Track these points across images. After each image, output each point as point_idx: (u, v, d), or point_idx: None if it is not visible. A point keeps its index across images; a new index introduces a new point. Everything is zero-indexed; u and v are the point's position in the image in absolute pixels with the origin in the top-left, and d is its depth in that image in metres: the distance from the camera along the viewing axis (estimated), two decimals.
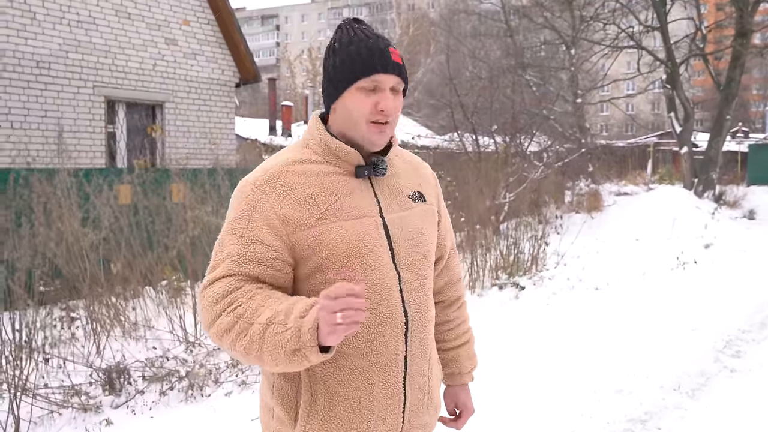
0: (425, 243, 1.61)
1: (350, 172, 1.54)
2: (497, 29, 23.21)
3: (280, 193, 1.47)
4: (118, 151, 10.20)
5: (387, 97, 1.50)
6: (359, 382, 1.50)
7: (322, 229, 1.46)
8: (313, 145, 1.56)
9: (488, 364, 4.88)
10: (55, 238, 5.01)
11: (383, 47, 1.51)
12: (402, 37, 41.31)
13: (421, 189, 1.66)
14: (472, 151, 12.07)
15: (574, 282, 7.72)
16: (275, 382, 1.55)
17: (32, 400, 3.70)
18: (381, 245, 1.51)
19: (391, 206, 1.57)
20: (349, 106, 1.51)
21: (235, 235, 1.47)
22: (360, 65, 1.49)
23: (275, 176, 1.50)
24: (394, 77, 1.52)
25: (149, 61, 10.52)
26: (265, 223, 1.46)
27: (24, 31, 8.94)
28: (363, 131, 1.51)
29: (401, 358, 1.54)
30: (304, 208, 1.47)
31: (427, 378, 1.63)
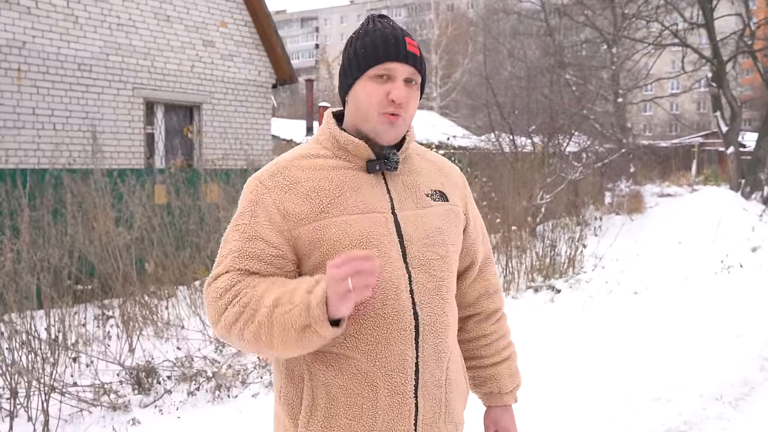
0: (444, 243, 1.51)
1: (361, 167, 1.48)
2: (537, 28, 22.92)
3: (282, 188, 1.44)
4: (156, 152, 10.34)
5: (399, 86, 1.44)
6: (362, 388, 1.42)
7: (325, 224, 1.41)
8: (323, 140, 1.51)
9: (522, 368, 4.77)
10: (90, 238, 5.07)
11: (399, 36, 1.46)
12: (440, 38, 41.13)
13: (443, 189, 1.58)
14: (509, 152, 11.90)
15: (612, 285, 7.52)
16: (282, 386, 1.50)
17: (61, 397, 3.73)
18: (390, 242, 1.44)
19: (405, 203, 1.49)
20: (359, 96, 1.46)
21: (237, 231, 1.45)
22: (372, 53, 1.44)
23: (279, 171, 1.47)
24: (408, 67, 1.45)
25: (187, 63, 10.65)
26: (267, 219, 1.43)
27: (66, 35, 9.13)
28: (373, 122, 1.45)
29: (411, 365, 1.44)
30: (306, 202, 1.42)
31: (444, 389, 1.51)
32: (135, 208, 5.39)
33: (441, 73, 40.15)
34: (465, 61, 36.89)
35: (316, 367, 1.43)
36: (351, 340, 1.41)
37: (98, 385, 3.99)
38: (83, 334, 4.73)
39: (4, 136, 8.47)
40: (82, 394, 3.96)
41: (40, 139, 8.84)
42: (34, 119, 8.81)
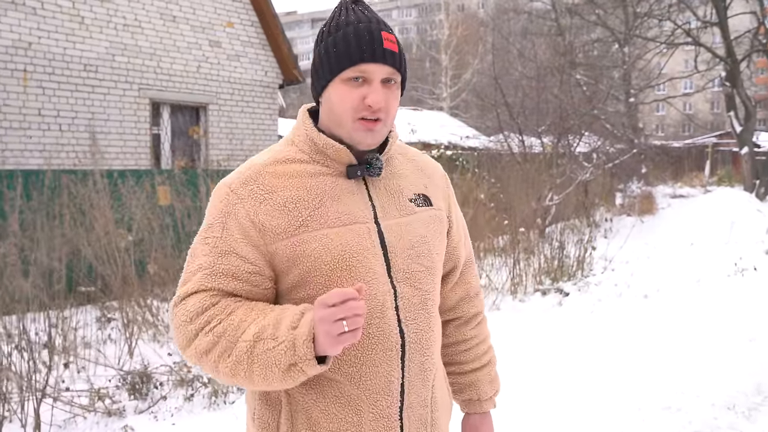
0: (429, 254, 1.40)
1: (341, 173, 1.35)
2: (547, 28, 22.75)
3: (256, 198, 1.30)
4: (162, 153, 10.30)
5: (376, 89, 1.30)
6: (346, 413, 1.31)
7: (304, 238, 1.28)
8: (299, 142, 1.38)
9: (528, 374, 4.65)
10: (88, 239, 5.01)
11: (374, 31, 1.31)
12: (450, 38, 40.95)
13: (426, 192, 1.46)
14: (518, 152, 11.77)
15: (621, 288, 7.37)
16: (256, 409, 1.38)
17: (54, 403, 3.66)
18: (374, 255, 1.32)
19: (389, 211, 1.37)
20: (333, 100, 1.32)
21: (207, 245, 1.31)
22: (345, 53, 1.29)
23: (252, 178, 1.32)
24: (386, 67, 1.31)
25: (193, 64, 10.60)
26: (240, 232, 1.29)
27: (72, 35, 9.11)
28: (348, 129, 1.32)
29: (396, 386, 1.34)
30: (283, 215, 1.29)
31: (430, 408, 1.42)
32: (135, 209, 5.32)
33: (451, 74, 39.99)
34: (475, 62, 36.71)
35: (295, 390, 1.32)
36: (334, 362, 1.30)
37: (93, 390, 3.91)
38: (78, 338, 4.66)
39: (10, 137, 8.45)
40: (76, 399, 3.88)
41: (45, 140, 8.81)
42: (40, 120, 8.78)
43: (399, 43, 1.36)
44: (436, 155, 11.08)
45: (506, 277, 7.36)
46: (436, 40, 42.63)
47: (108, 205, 5.01)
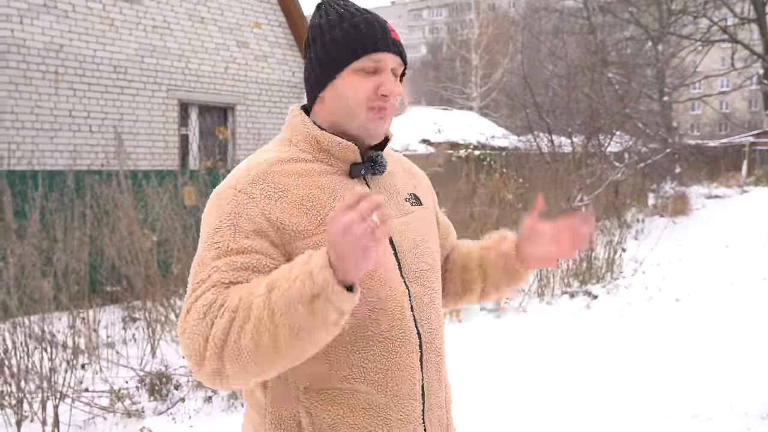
0: (431, 252, 1.38)
1: (344, 172, 1.29)
2: (579, 26, 22.42)
3: (270, 196, 1.21)
4: (190, 154, 10.38)
5: (390, 78, 1.27)
6: (376, 423, 1.23)
7: (325, 238, 1.15)
8: (299, 142, 1.31)
9: (554, 377, 4.55)
10: (112, 239, 5.04)
11: (382, 21, 1.29)
12: (480, 38, 40.68)
13: (416, 191, 1.44)
14: (547, 152, 11.60)
15: (652, 291, 7.19)
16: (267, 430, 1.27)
17: (74, 403, 3.68)
18: (389, 256, 1.27)
19: (391, 210, 1.32)
20: (343, 92, 1.26)
21: (218, 249, 1.18)
22: (359, 42, 1.25)
23: (262, 177, 1.23)
24: (396, 57, 1.28)
25: (221, 64, 10.66)
26: (255, 231, 1.19)
27: (102, 37, 9.22)
28: (362, 119, 1.27)
29: (419, 389, 1.29)
30: (302, 213, 1.21)
31: (445, 410, 1.40)
32: (159, 209, 5.34)
33: (481, 73, 39.71)
34: (505, 61, 36.39)
35: (319, 408, 1.22)
36: (358, 371, 1.23)
37: (113, 391, 3.92)
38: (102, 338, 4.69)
39: (42, 138, 8.59)
40: (97, 399, 3.90)
41: (75, 140, 8.94)
42: (71, 121, 8.91)
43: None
44: (463, 155, 10.98)
45: (533, 279, 7.23)
46: (467, 40, 42.36)
47: (131, 205, 5.03)
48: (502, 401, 4.19)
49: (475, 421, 3.91)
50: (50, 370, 3.61)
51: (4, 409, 3.56)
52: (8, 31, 8.22)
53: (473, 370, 4.82)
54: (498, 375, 4.71)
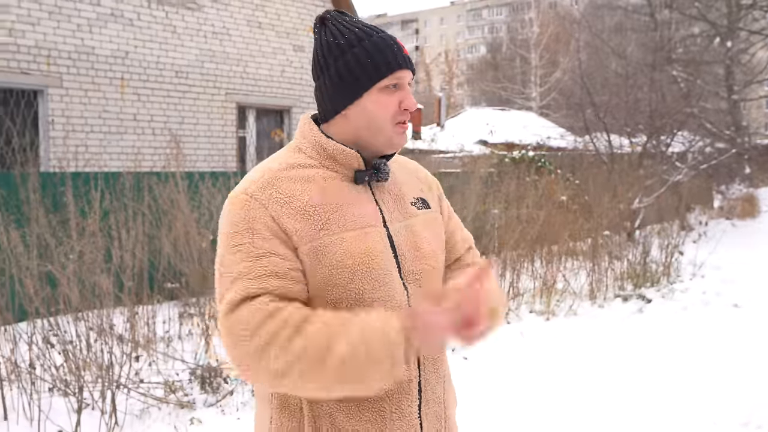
0: (433, 254, 1.44)
1: (349, 178, 1.38)
2: (643, 23, 21.83)
3: (277, 202, 1.30)
4: (247, 155, 10.68)
5: (409, 94, 1.37)
6: (370, 415, 1.33)
7: (325, 242, 1.29)
8: (307, 149, 1.40)
9: (601, 382, 4.50)
10: (169, 238, 5.26)
11: (395, 39, 1.38)
12: (540, 37, 40.11)
13: (423, 195, 1.51)
14: (604, 153, 11.38)
15: (710, 297, 6.98)
16: (273, 417, 1.37)
17: (130, 393, 3.88)
18: (388, 258, 1.35)
19: (394, 215, 1.41)
20: (372, 110, 1.35)
21: (241, 252, 1.27)
22: (383, 62, 1.33)
23: (270, 183, 1.33)
24: (410, 72, 1.38)
25: (278, 68, 10.93)
26: (271, 233, 1.28)
27: (165, 44, 9.60)
28: (389, 134, 1.37)
29: (415, 385, 1.37)
30: (304, 219, 1.30)
31: (443, 405, 1.46)
32: (214, 209, 5.54)
33: (541, 72, 39.15)
34: (566, 60, 35.76)
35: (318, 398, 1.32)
36: None
37: (167, 383, 4.11)
38: (160, 332, 4.91)
39: (109, 141, 9.01)
40: (152, 391, 4.09)
41: (139, 143, 9.33)
42: (135, 125, 9.31)
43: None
44: (517, 156, 10.90)
45: (584, 281, 7.13)
46: (526, 39, 41.84)
47: (188, 205, 5.25)
48: (550, 404, 4.18)
49: (523, 423, 3.92)
50: (109, 362, 3.82)
51: (68, 396, 3.79)
52: (79, 40, 8.67)
53: (522, 372, 4.82)
54: (546, 378, 4.69)
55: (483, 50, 63.39)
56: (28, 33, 8.21)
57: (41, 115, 8.44)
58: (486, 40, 65.15)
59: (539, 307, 6.51)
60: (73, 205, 4.52)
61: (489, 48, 58.28)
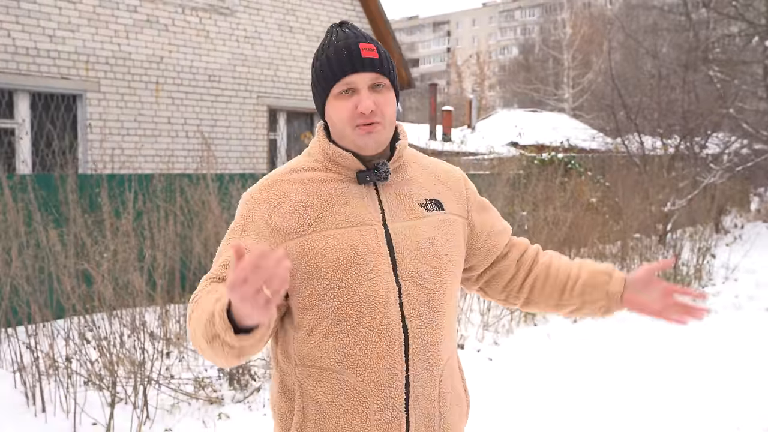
0: (437, 254, 1.47)
1: (352, 179, 1.46)
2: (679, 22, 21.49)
3: (271, 202, 1.43)
4: (278, 157, 10.84)
5: (365, 96, 1.40)
6: (352, 404, 1.41)
7: (312, 238, 1.40)
8: (314, 153, 1.50)
9: (627, 385, 4.50)
10: (200, 239, 5.40)
11: (352, 45, 1.41)
12: (573, 37, 39.72)
13: (439, 197, 1.54)
14: (636, 154, 11.26)
15: (742, 300, 6.88)
16: (275, 400, 1.50)
17: (162, 388, 4.01)
18: (379, 254, 1.41)
19: (397, 214, 1.46)
20: (331, 115, 1.44)
21: (227, 244, 1.45)
22: (330, 71, 1.42)
23: (270, 186, 1.46)
24: (369, 74, 1.41)
25: (308, 71, 11.06)
26: (256, 232, 1.42)
27: (199, 48, 9.81)
28: (351, 137, 1.43)
29: (401, 378, 1.41)
30: (294, 217, 1.41)
31: (438, 403, 1.48)
32: None
33: (573, 74, 38.79)
34: (599, 61, 35.37)
35: (306, 383, 1.43)
36: (339, 355, 1.40)
37: (197, 379, 4.23)
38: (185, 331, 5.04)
39: (144, 144, 9.24)
40: (182, 387, 4.22)
41: (174, 146, 9.55)
42: (169, 128, 9.53)
43: (381, 49, 1.45)
44: (546, 158, 10.85)
45: None
46: (559, 40, 41.50)
47: (218, 206, 5.38)
48: (575, 406, 4.20)
49: (549, 425, 3.94)
50: (142, 358, 3.95)
51: (102, 390, 3.93)
52: (116, 46, 8.91)
53: (548, 374, 4.83)
54: (573, 380, 4.70)
55: (515, 51, 63.03)
56: (68, 39, 8.47)
57: (80, 119, 8.70)
58: (518, 41, 64.78)
59: None
60: (108, 205, 4.68)
61: (521, 49, 57.94)
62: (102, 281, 3.95)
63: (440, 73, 75.24)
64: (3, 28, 7.95)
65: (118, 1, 8.90)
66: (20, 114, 8.20)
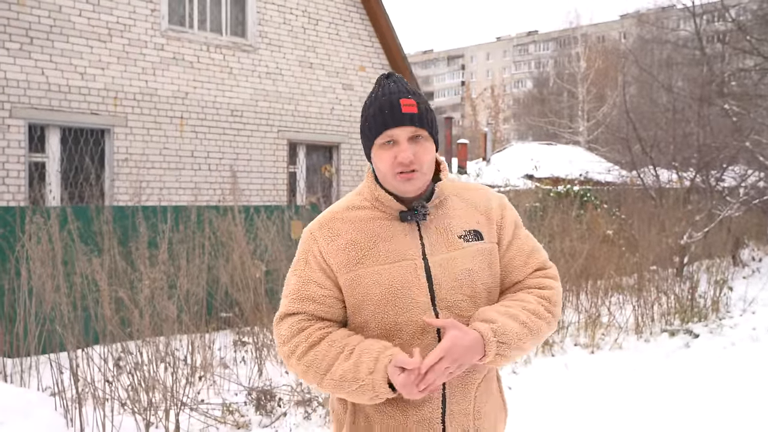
0: (473, 284, 1.63)
1: (395, 217, 1.65)
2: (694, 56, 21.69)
3: (327, 239, 1.64)
4: (297, 189, 11.06)
5: (404, 148, 1.59)
6: (394, 413, 1.61)
7: (359, 274, 1.60)
8: (364, 193, 1.70)
9: (646, 415, 4.56)
10: (227, 269, 5.57)
11: (394, 101, 1.59)
12: (588, 71, 40.08)
13: (479, 227, 1.68)
14: (651, 187, 11.35)
15: (760, 332, 6.91)
16: (334, 405, 1.73)
17: (191, 413, 4.14)
18: (418, 287, 1.59)
19: (437, 248, 1.63)
20: (375, 162, 1.64)
21: (295, 275, 1.69)
22: (374, 125, 1.61)
23: (325, 223, 1.67)
24: (408, 128, 1.59)
25: (327, 106, 11.35)
26: (317, 265, 1.64)
27: (222, 84, 10.13)
28: (392, 183, 1.62)
29: (437, 396, 1.60)
30: (344, 254, 1.62)
31: (472, 417, 1.64)
32: (268, 242, 5.84)
33: (588, 107, 39.04)
34: (614, 94, 35.62)
35: None
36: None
37: (225, 404, 4.36)
38: (216, 358, 5.18)
39: (168, 177, 9.50)
40: (211, 411, 4.35)
41: (196, 178, 9.81)
42: (192, 161, 9.80)
43: (421, 102, 1.62)
44: (562, 190, 10.98)
45: (630, 315, 7.15)
46: (573, 73, 41.87)
47: (243, 237, 5.56)
48: None
49: None
50: (173, 383, 4.10)
51: (135, 414, 4.07)
52: (143, 83, 9.24)
53: (566, 404, 4.90)
54: (590, 410, 4.76)
55: (529, 85, 63.51)
56: (98, 77, 8.81)
57: (107, 152, 8.99)
58: (532, 74, 65.29)
59: (584, 340, 6.57)
60: (145, 235, 4.89)
61: (535, 83, 58.39)
62: (138, 309, 4.12)
63: (455, 106, 75.91)
64: (38, 66, 8.30)
65: (146, 40, 9.25)
66: (51, 148, 8.50)
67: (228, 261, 5.72)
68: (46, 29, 8.37)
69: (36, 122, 8.34)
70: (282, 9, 10.79)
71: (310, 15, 11.14)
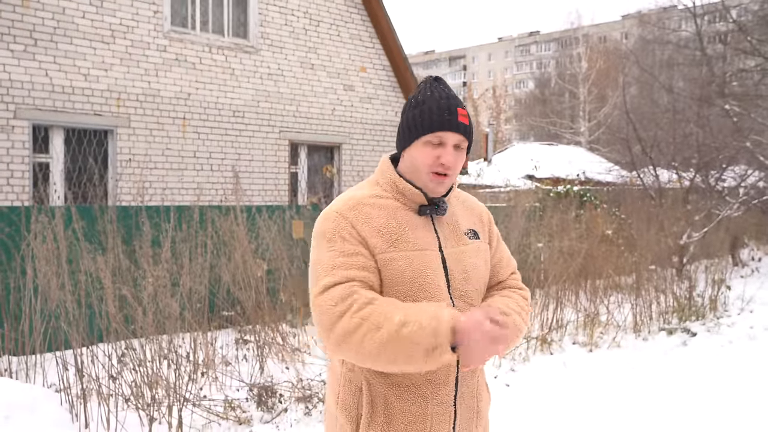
0: (478, 278, 1.77)
1: (414, 209, 1.74)
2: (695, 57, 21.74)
3: (360, 220, 1.68)
4: (299, 190, 11.13)
5: (449, 152, 1.69)
6: (415, 398, 1.68)
7: (393, 256, 1.66)
8: (383, 183, 1.77)
9: (644, 413, 4.62)
10: (229, 268, 5.64)
11: (452, 107, 1.70)
12: (589, 72, 40.12)
13: (475, 227, 1.84)
14: (651, 187, 11.41)
15: (757, 331, 6.97)
16: (340, 394, 1.74)
17: (195, 409, 4.21)
18: (440, 276, 1.70)
19: (449, 241, 1.75)
20: (414, 155, 1.72)
21: (334, 252, 1.64)
22: (429, 121, 1.69)
23: (355, 206, 1.71)
24: (458, 135, 1.70)
25: (329, 107, 11.42)
26: (357, 241, 1.66)
27: (224, 85, 10.20)
28: (424, 179, 1.71)
29: (453, 379, 1.70)
30: (379, 236, 1.67)
31: (476, 398, 1.79)
32: (269, 241, 5.91)
33: (590, 108, 39.08)
34: (615, 95, 35.67)
35: (375, 380, 1.69)
36: None
37: (227, 401, 4.43)
38: (218, 356, 5.25)
39: (170, 177, 9.57)
40: (213, 407, 4.42)
41: (198, 178, 9.88)
42: (195, 161, 9.87)
43: (470, 117, 1.76)
44: (562, 190, 11.05)
45: (628, 314, 7.21)
46: (575, 74, 41.92)
47: (245, 236, 5.63)
48: None
49: None
50: (176, 380, 4.17)
51: (139, 411, 4.14)
52: (146, 83, 9.32)
53: (564, 402, 4.96)
54: (588, 408, 4.82)
55: (531, 85, 63.58)
56: (102, 78, 8.88)
57: (110, 153, 9.06)
58: (534, 75, 65.36)
59: (582, 339, 6.63)
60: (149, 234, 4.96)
61: (537, 83, 58.46)
62: (141, 307, 4.20)
63: None
64: (42, 68, 8.38)
65: (149, 41, 9.33)
66: (55, 149, 8.58)
67: (230, 260, 5.79)
68: (49, 31, 8.45)
69: (40, 123, 8.42)
70: (283, 10, 10.87)
71: (312, 16, 11.22)
